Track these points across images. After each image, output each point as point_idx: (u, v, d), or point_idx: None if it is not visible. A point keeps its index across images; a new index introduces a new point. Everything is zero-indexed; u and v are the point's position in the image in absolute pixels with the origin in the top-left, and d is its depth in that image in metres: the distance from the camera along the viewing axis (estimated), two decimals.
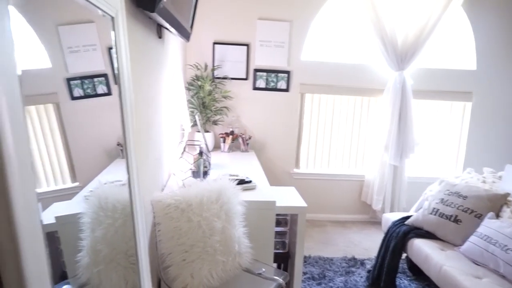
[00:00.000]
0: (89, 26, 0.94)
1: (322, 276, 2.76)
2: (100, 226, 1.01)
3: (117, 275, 1.07)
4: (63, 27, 0.81)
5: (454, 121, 4.06)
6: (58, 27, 0.80)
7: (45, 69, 0.77)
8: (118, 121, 1.07)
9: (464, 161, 4.08)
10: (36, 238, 0.54)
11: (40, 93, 0.75)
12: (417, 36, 3.60)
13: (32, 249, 0.52)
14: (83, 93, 0.89)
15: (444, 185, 2.68)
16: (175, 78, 2.50)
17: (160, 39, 1.97)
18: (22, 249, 0.49)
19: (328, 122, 3.95)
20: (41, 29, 0.73)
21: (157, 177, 1.90)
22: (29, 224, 0.52)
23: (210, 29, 3.59)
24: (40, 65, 0.75)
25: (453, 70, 3.89)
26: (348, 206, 4.08)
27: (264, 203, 1.97)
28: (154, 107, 1.79)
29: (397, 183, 3.87)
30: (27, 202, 0.52)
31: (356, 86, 3.84)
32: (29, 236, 0.52)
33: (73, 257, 0.90)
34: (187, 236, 1.51)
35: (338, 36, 3.79)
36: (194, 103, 3.47)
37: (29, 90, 0.65)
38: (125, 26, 1.06)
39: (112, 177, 1.12)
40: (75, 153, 0.86)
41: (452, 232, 2.39)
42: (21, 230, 0.49)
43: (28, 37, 0.68)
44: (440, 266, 2.14)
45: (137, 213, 1.12)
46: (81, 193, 0.93)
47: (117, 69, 1.02)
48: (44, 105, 0.76)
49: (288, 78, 3.73)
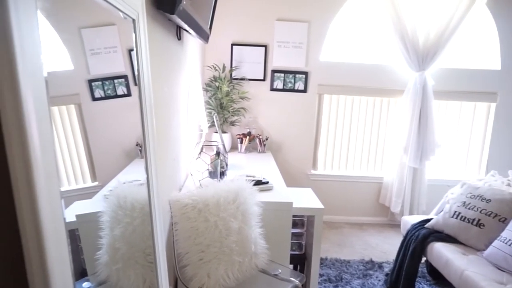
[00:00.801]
0: (110, 28, 0.96)
1: (339, 279, 2.73)
2: (119, 225, 1.03)
3: (135, 273, 1.09)
4: (86, 30, 0.83)
5: (477, 122, 3.95)
6: (81, 30, 0.81)
7: (68, 71, 0.79)
8: (137, 121, 1.09)
9: (487, 163, 3.96)
10: (59, 235, 0.55)
11: (62, 94, 0.77)
12: (439, 36, 3.52)
13: (55, 246, 0.53)
14: (103, 94, 0.91)
15: (466, 188, 2.61)
16: (193, 79, 2.52)
17: (179, 41, 1.99)
18: (46, 245, 0.51)
19: (346, 123, 3.91)
20: (65, 32, 0.75)
21: (175, 177, 1.92)
22: (53, 221, 0.53)
23: (228, 30, 3.61)
24: (62, 67, 0.77)
25: (476, 70, 3.79)
26: (366, 208, 4.03)
27: (281, 204, 1.97)
28: (172, 108, 1.81)
29: (416, 185, 3.79)
30: (52, 200, 0.53)
31: (375, 86, 3.79)
32: (53, 233, 0.53)
33: (93, 254, 0.92)
34: (204, 236, 1.52)
35: (357, 36, 3.74)
36: (211, 104, 3.49)
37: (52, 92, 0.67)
38: (145, 28, 1.08)
39: (131, 176, 1.14)
40: (96, 153, 0.88)
41: (474, 236, 2.33)
42: (45, 227, 0.51)
43: (52, 40, 0.69)
44: (462, 271, 2.09)
45: (155, 213, 1.13)
46: (101, 192, 0.95)
47: (138, 70, 1.04)
48: (67, 106, 0.77)
49: (306, 79, 3.71)
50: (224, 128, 3.65)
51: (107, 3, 0.81)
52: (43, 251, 0.51)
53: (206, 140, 2.84)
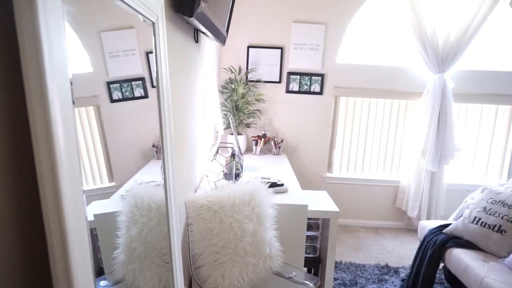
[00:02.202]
0: (129, 31, 0.97)
1: (354, 283, 2.70)
2: (136, 225, 1.04)
3: (151, 272, 1.10)
4: (105, 33, 0.85)
5: (499, 126, 3.85)
6: (101, 33, 0.83)
7: (87, 73, 0.80)
8: (154, 123, 1.10)
9: (509, 168, 3.85)
10: (82, 234, 0.57)
11: (82, 96, 0.78)
12: (460, 37, 3.45)
13: (78, 244, 0.55)
14: (121, 96, 0.92)
15: (487, 193, 2.55)
16: (209, 81, 2.54)
17: (197, 43, 2.00)
18: (70, 243, 0.52)
19: (363, 126, 3.87)
20: (85, 35, 0.76)
21: (190, 178, 1.94)
22: (76, 220, 0.54)
23: (245, 32, 3.62)
24: (82, 70, 0.79)
25: (499, 72, 3.69)
26: (382, 212, 3.97)
27: (296, 206, 1.96)
28: (189, 109, 1.83)
29: (434, 189, 3.72)
30: (75, 199, 0.54)
31: (393, 89, 3.74)
32: (76, 231, 0.54)
33: (110, 254, 0.93)
34: (219, 237, 1.52)
35: (375, 38, 3.70)
36: (227, 106, 3.51)
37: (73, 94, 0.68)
38: (164, 31, 1.09)
39: (148, 177, 1.15)
40: (113, 154, 0.89)
41: (495, 243, 2.27)
42: (69, 225, 0.52)
43: (73, 43, 0.71)
44: (482, 278, 2.03)
45: (172, 213, 1.14)
46: (118, 192, 0.96)
47: (156, 73, 1.05)
48: (86, 108, 0.79)
49: (322, 81, 3.69)
50: (240, 130, 3.66)
51: (128, 7, 0.82)
52: (66, 249, 0.52)
53: (221, 141, 2.86)
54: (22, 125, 0.50)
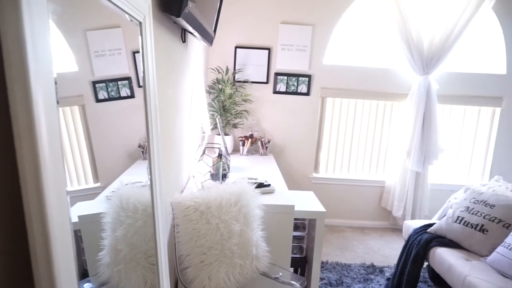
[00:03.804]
0: (115, 31, 0.96)
1: (340, 283, 2.73)
2: (121, 226, 1.03)
3: (137, 274, 1.09)
4: (91, 32, 0.84)
5: (481, 127, 3.94)
6: (87, 32, 0.82)
7: (72, 72, 0.79)
8: (140, 123, 1.09)
9: (491, 168, 3.95)
10: (66, 235, 0.56)
11: (67, 95, 0.77)
12: (444, 40, 3.52)
13: (62, 246, 0.54)
14: (107, 96, 0.91)
15: (470, 193, 2.60)
16: (196, 82, 2.53)
17: (184, 43, 1.99)
18: (53, 245, 0.51)
19: (349, 126, 3.91)
20: (70, 34, 0.75)
21: (177, 179, 1.93)
22: (59, 221, 0.54)
23: (233, 33, 3.62)
24: (67, 69, 0.77)
25: (482, 75, 3.78)
26: (368, 212, 4.01)
27: (283, 207, 1.97)
28: (176, 110, 1.82)
29: (419, 189, 3.78)
30: (59, 200, 0.54)
31: (379, 90, 3.79)
32: (60, 233, 0.53)
33: (95, 255, 0.92)
34: (206, 238, 1.52)
35: (362, 40, 3.74)
36: (214, 106, 3.50)
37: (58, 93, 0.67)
38: (151, 31, 1.08)
39: (133, 178, 1.14)
40: (98, 154, 0.88)
41: (478, 242, 2.31)
42: (52, 226, 0.51)
43: (58, 42, 0.70)
44: (465, 276, 2.08)
45: (158, 214, 1.14)
46: (103, 193, 0.95)
47: (143, 72, 1.04)
48: (70, 107, 0.78)
49: (309, 82, 3.71)
50: (227, 131, 3.66)
51: (115, 6, 0.82)
52: (50, 252, 0.51)
53: (208, 142, 2.85)
54: (5, 125, 0.49)
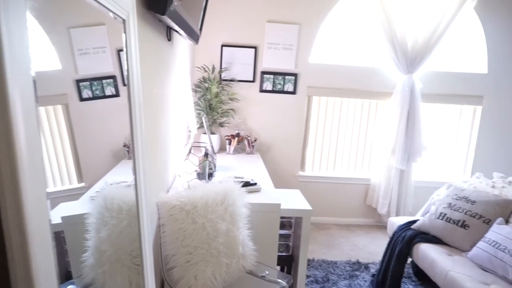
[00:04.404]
0: (99, 28, 0.95)
1: (326, 280, 2.75)
2: (105, 227, 1.02)
3: (122, 275, 1.08)
4: (75, 29, 0.83)
5: (463, 125, 4.02)
6: (70, 29, 0.81)
7: (55, 70, 0.78)
8: (125, 122, 1.08)
9: (472, 165, 4.04)
10: (45, 238, 0.55)
11: (49, 94, 0.76)
12: (427, 40, 3.58)
13: (40, 248, 0.53)
14: (91, 95, 0.90)
15: (452, 189, 2.66)
16: (182, 80, 2.51)
17: (169, 42, 1.98)
18: (31, 248, 0.50)
19: (335, 125, 3.94)
20: (53, 32, 0.74)
21: (163, 179, 1.91)
22: (38, 223, 0.53)
23: (219, 31, 3.61)
24: (50, 67, 0.76)
25: (463, 74, 3.86)
26: (354, 209, 4.06)
27: (269, 205, 1.97)
28: (161, 108, 1.81)
29: (403, 187, 3.84)
30: (37, 201, 0.53)
31: (364, 89, 3.83)
32: (38, 235, 0.52)
33: (78, 257, 0.91)
34: (192, 238, 1.51)
35: (347, 39, 3.77)
36: (201, 105, 3.48)
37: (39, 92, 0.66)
38: (136, 28, 1.07)
39: (118, 178, 1.13)
40: (82, 154, 0.87)
41: (459, 238, 2.37)
42: (30, 228, 0.50)
43: (40, 39, 0.69)
44: (447, 271, 2.12)
45: (143, 214, 1.13)
46: (87, 193, 0.94)
47: (127, 71, 1.03)
48: (54, 106, 0.77)
49: (295, 80, 3.73)
50: (213, 129, 3.64)
51: (97, 4, 0.80)
52: (27, 254, 0.50)
53: (194, 141, 2.84)
54: None
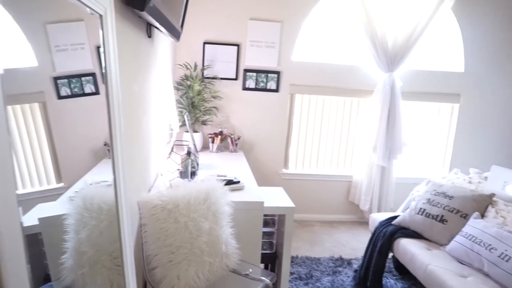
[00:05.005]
0: (78, 24, 0.93)
1: (309, 276, 2.78)
2: (85, 228, 1.00)
3: (102, 277, 1.06)
4: (52, 25, 0.81)
5: (441, 123, 4.12)
6: (46, 25, 0.79)
7: (31, 67, 0.76)
8: (106, 120, 1.07)
9: (450, 162, 4.14)
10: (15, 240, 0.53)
11: (25, 92, 0.74)
12: (407, 39, 3.64)
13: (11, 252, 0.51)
14: (70, 92, 0.89)
15: (431, 185, 2.72)
16: (164, 78, 2.48)
17: (150, 38, 1.95)
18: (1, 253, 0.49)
19: (317, 123, 3.97)
20: (29, 27, 0.73)
21: (144, 178, 1.89)
22: (7, 225, 0.51)
23: (201, 28, 3.58)
24: (25, 64, 0.74)
25: (441, 72, 3.94)
26: (336, 206, 4.11)
27: (252, 203, 1.97)
28: (142, 106, 1.78)
29: (384, 183, 3.91)
30: (6, 203, 0.51)
31: (346, 87, 3.87)
32: (8, 237, 0.51)
33: (57, 259, 0.89)
34: (174, 237, 1.50)
35: (329, 37, 3.81)
36: (183, 103, 3.45)
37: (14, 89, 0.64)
38: (113, 24, 1.05)
39: (99, 177, 1.11)
40: (61, 153, 0.85)
41: (438, 232, 2.42)
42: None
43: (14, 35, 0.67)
44: (426, 265, 2.17)
45: (122, 214, 1.11)
46: (66, 194, 0.92)
47: (105, 68, 1.01)
48: (30, 105, 0.75)
49: (278, 78, 3.74)
50: (196, 128, 3.62)
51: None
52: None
53: (177, 139, 2.81)
54: None
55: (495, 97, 4.05)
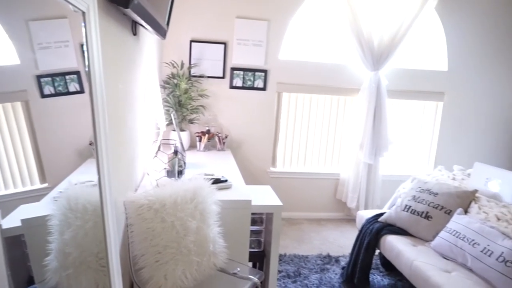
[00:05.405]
0: (61, 21, 0.92)
1: (297, 274, 2.79)
2: (69, 228, 0.99)
3: (87, 278, 1.05)
4: (34, 22, 0.79)
5: (426, 121, 4.19)
6: (29, 22, 0.77)
7: (13, 65, 0.75)
8: (91, 119, 1.05)
9: (435, 159, 4.21)
10: None
11: (7, 90, 0.73)
12: (392, 38, 3.68)
13: None
14: (54, 91, 0.87)
15: (416, 182, 2.76)
16: (150, 76, 2.46)
17: (135, 36, 1.93)
18: None
19: (305, 121, 3.99)
20: (10, 24, 0.71)
21: (130, 177, 1.87)
22: None
23: (187, 27, 3.55)
24: (7, 62, 0.73)
25: (426, 71, 4.01)
26: (324, 204, 4.14)
27: (240, 202, 1.97)
28: (128, 105, 1.76)
29: (371, 181, 3.95)
30: None
31: (333, 85, 3.89)
32: None
33: (41, 261, 0.88)
34: (161, 237, 1.49)
35: (316, 36, 3.82)
36: (170, 102, 3.43)
37: None
38: (97, 21, 1.04)
39: (84, 177, 1.09)
40: (45, 153, 0.84)
41: (423, 228, 2.46)
42: None
43: None
44: (411, 261, 2.20)
45: (107, 214, 1.10)
46: (50, 194, 0.91)
47: (88, 66, 1.00)
48: (12, 103, 0.74)
49: (265, 77, 3.74)
50: (183, 126, 3.60)
51: None
52: None
53: (163, 138, 2.79)
54: None
55: (478, 95, 4.13)
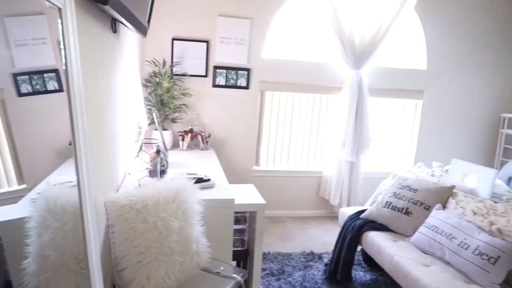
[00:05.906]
0: (38, 18, 0.90)
1: (281, 272, 2.81)
2: (48, 230, 0.97)
3: (67, 281, 1.03)
4: (10, 18, 0.77)
5: (406, 118, 4.27)
6: (4, 18, 0.75)
7: None
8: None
9: (415, 156, 4.30)
10: None
11: None
12: (373, 37, 3.74)
13: None
14: (31, 90, 0.85)
15: (397, 179, 2.81)
16: (131, 74, 2.43)
17: (115, 34, 1.90)
18: None
19: (288, 119, 4.01)
20: None
21: (111, 177, 1.84)
22: None
23: (169, 24, 3.52)
24: None
25: (406, 70, 4.08)
26: (307, 201, 4.17)
27: (223, 201, 1.97)
28: (108, 104, 1.73)
29: (353, 178, 4.01)
30: None
31: (315, 84, 3.93)
32: None
33: (19, 264, 0.86)
34: (143, 238, 1.47)
35: (298, 35, 3.85)
36: (151, 101, 3.39)
37: None
38: (74, 18, 1.02)
39: (63, 178, 1.07)
40: (23, 153, 0.82)
41: (403, 224, 2.51)
42: None
43: None
44: (392, 256, 2.25)
45: (87, 215, 1.08)
46: (28, 195, 0.89)
47: (65, 64, 0.98)
48: None
49: (248, 75, 3.74)
50: (165, 125, 3.56)
51: None
52: None
53: (145, 137, 2.76)
54: None
55: (456, 93, 4.24)
